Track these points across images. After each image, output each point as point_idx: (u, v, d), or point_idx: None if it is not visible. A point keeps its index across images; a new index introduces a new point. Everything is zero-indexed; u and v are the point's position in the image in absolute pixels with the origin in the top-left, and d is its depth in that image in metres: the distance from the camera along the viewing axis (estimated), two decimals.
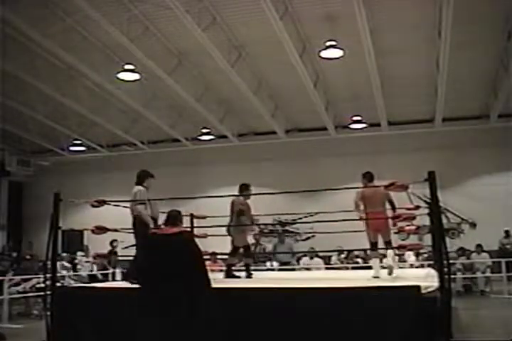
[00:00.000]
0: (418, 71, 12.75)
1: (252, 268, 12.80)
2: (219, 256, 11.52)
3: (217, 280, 5.82)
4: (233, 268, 7.54)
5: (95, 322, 5.24)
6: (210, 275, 4.60)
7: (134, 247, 6.38)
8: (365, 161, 15.85)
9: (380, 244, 6.72)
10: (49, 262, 5.81)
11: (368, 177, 6.84)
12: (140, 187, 6.64)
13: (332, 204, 7.61)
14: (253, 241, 14.54)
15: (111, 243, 13.02)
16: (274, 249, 14.54)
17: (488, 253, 13.06)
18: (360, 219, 6.55)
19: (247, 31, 10.98)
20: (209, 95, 14.10)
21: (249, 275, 7.32)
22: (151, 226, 6.09)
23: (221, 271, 7.64)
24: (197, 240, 4.73)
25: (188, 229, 5.04)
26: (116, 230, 6.77)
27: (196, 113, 14.65)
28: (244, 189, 7.44)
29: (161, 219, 5.34)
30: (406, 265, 12.46)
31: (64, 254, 12.88)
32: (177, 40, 11.45)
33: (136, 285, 4.79)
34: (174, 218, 4.70)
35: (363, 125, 15.86)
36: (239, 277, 7.26)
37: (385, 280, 6.07)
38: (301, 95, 13.45)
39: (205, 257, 5.08)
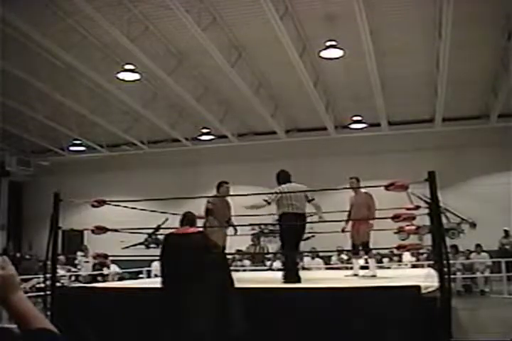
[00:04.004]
0: (418, 71, 12.74)
1: (252, 268, 12.88)
2: None
3: None
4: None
5: (95, 322, 5.24)
6: None
7: None
8: (365, 161, 15.89)
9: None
10: (49, 262, 5.82)
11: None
12: None
13: (332, 204, 7.60)
14: (251, 242, 14.49)
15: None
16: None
17: (488, 254, 13.07)
18: (370, 218, 7.02)
19: (247, 31, 10.97)
20: (209, 95, 14.09)
21: None
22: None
23: None
24: None
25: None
26: (116, 230, 6.77)
27: (196, 113, 14.65)
28: (219, 187, 7.26)
29: None
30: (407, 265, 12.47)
31: (60, 257, 11.79)
32: (177, 40, 11.45)
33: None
34: (191, 219, 4.93)
35: (363, 125, 15.86)
36: None
37: (384, 280, 6.08)
38: (301, 95, 13.45)
39: None
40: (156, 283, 5.98)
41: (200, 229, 5.04)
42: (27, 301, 1.45)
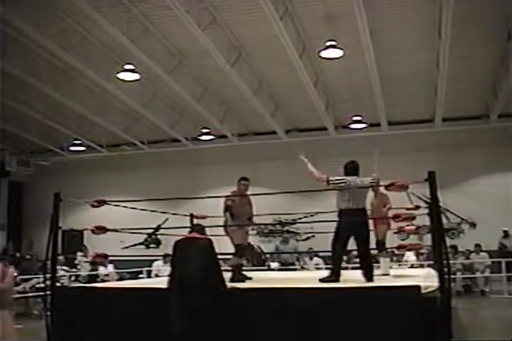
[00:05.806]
0: (418, 71, 12.74)
1: (252, 268, 12.86)
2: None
3: None
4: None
5: (95, 322, 5.24)
6: None
7: None
8: (365, 161, 15.85)
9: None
10: (49, 262, 5.81)
11: None
12: None
13: (332, 204, 7.59)
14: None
15: None
16: (276, 249, 14.41)
17: (488, 253, 13.07)
18: (387, 217, 6.96)
19: (247, 31, 10.98)
20: (209, 95, 14.10)
21: (241, 278, 6.62)
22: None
23: None
24: None
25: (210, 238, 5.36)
26: (116, 230, 6.76)
27: (196, 113, 14.65)
28: (238, 183, 7.08)
29: None
30: (406, 265, 12.46)
31: (60, 257, 11.58)
32: (177, 40, 11.45)
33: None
34: (200, 229, 5.34)
35: (363, 125, 15.86)
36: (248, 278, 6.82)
37: (385, 280, 6.08)
38: (301, 95, 13.45)
39: None
40: (155, 283, 5.99)
41: (206, 237, 5.16)
42: (9, 321, 1.38)
